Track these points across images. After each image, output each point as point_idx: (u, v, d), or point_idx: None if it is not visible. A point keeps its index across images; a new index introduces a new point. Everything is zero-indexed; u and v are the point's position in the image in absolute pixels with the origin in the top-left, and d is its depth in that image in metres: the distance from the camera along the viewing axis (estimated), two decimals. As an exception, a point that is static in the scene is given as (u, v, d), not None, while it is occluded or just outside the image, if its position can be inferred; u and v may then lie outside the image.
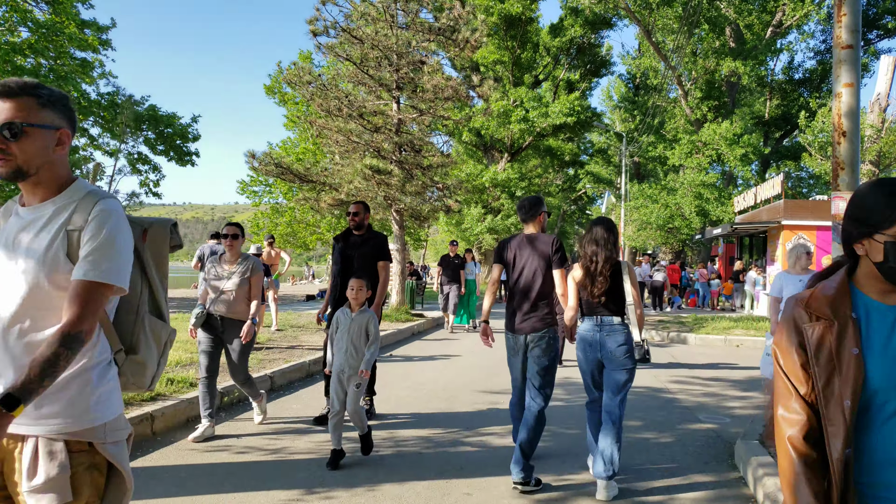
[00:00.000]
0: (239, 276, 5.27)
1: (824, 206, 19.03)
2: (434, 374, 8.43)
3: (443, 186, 14.04)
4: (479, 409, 6.58)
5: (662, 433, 5.80)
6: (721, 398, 7.49)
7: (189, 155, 20.16)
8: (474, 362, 9.62)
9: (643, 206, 28.82)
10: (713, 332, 13.56)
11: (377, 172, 11.63)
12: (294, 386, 7.47)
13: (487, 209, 32.36)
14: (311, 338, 10.59)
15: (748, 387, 8.22)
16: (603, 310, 4.29)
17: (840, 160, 4.62)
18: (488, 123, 28.58)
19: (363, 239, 6.13)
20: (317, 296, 23.06)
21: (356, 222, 6.11)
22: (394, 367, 9.05)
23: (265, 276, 12.30)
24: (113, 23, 20.19)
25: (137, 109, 19.21)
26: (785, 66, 30.64)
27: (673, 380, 8.63)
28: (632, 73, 38.12)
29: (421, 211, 13.30)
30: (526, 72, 32.15)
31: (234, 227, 5.41)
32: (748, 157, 25.56)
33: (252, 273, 5.36)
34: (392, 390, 7.34)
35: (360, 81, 12.88)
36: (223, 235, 5.38)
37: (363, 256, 6.01)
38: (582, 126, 29.39)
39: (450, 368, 8.99)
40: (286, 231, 46.31)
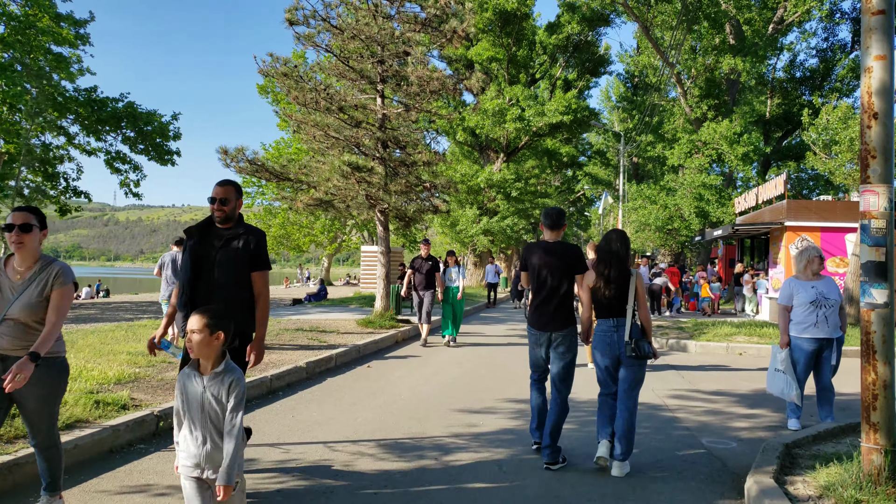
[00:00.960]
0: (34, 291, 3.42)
1: (829, 206, 18.31)
2: (409, 391, 7.68)
3: (430, 185, 13.29)
4: (455, 431, 5.84)
5: (660, 463, 5.06)
6: (726, 417, 6.76)
7: (169, 154, 19.41)
8: (456, 376, 8.88)
9: (641, 207, 28.11)
10: (714, 338, 12.82)
11: (356, 169, 10.89)
12: (249, 406, 6.72)
13: (483, 210, 31.65)
14: (284, 347, 9.85)
15: (755, 403, 7.48)
16: (619, 312, 4.73)
17: (870, 147, 3.89)
18: (483, 122, 27.88)
19: (229, 237, 4.11)
20: (304, 300, 22.32)
21: (223, 213, 4.12)
22: (366, 381, 8.31)
23: None
24: (91, 16, 19.46)
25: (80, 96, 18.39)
26: (786, 63, 30.00)
27: (672, 394, 7.89)
28: (630, 72, 37.47)
29: (406, 211, 12.53)
30: (522, 70, 31.47)
31: (26, 213, 3.46)
32: (749, 156, 24.85)
33: (55, 284, 3.45)
34: (358, 410, 6.60)
35: (341, 74, 12.16)
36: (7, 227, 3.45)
37: (227, 262, 4.04)
38: (579, 125, 28.70)
39: (428, 383, 8.25)
40: (279, 233, 45.71)
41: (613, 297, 4.70)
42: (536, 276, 4.95)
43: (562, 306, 4.87)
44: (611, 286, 4.69)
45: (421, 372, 9.02)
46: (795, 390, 6.23)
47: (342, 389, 7.65)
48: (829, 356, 6.24)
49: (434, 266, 11.60)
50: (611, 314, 4.73)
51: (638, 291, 4.73)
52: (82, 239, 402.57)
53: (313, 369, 8.49)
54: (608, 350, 4.75)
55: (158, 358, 8.00)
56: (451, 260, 12.22)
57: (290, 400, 6.98)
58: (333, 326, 12.95)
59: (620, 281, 4.69)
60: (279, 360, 8.52)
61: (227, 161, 11.62)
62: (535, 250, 5.02)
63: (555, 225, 5.01)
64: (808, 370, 6.31)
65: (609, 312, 4.74)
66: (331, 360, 9.11)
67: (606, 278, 4.71)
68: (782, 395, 6.32)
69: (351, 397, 7.20)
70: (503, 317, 19.38)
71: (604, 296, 4.72)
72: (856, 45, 28.45)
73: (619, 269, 4.71)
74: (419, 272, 11.54)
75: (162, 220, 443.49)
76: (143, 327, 11.69)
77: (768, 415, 6.93)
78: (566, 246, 4.98)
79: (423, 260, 11.62)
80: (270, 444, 5.26)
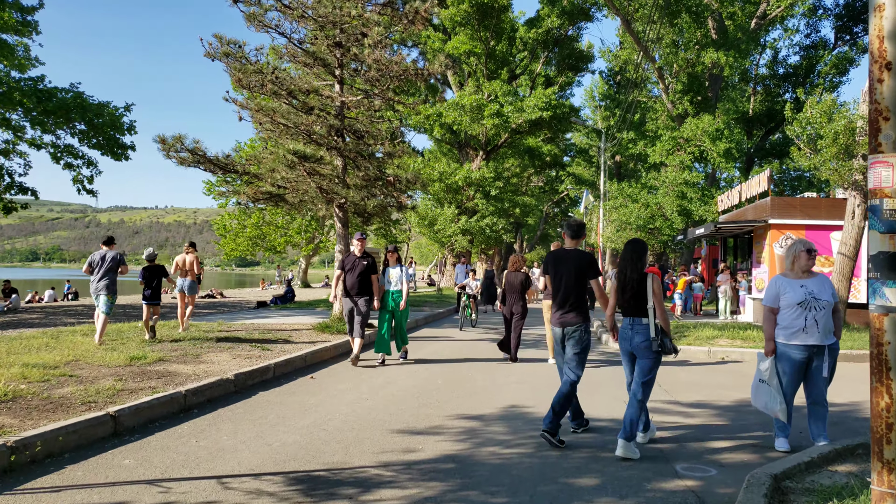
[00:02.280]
0: None
1: (814, 203, 17.64)
2: (348, 407, 6.75)
3: (395, 179, 12.35)
4: (385, 460, 4.92)
5: (624, 501, 4.18)
6: (705, 434, 5.90)
7: (123, 148, 18.26)
8: (407, 388, 7.97)
9: (623, 205, 27.36)
10: (696, 342, 12.02)
11: (304, 159, 9.93)
12: (152, 427, 5.75)
13: (461, 210, 30.77)
14: (220, 356, 8.88)
15: (738, 416, 6.64)
16: (635, 312, 5.30)
17: (882, 106, 3.04)
18: (461, 118, 26.99)
19: None
20: (270, 302, 21.29)
21: None
22: (302, 395, 7.36)
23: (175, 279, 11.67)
24: (40, 3, 18.35)
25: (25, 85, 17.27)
26: (769, 60, 29.41)
27: (650, 408, 7.02)
28: (613, 70, 36.79)
29: (366, 206, 11.57)
30: (501, 65, 30.65)
31: None
32: (732, 153, 24.18)
33: None
34: (279, 432, 5.66)
35: (293, 56, 11.19)
36: None
37: None
38: (559, 121, 27.91)
39: (374, 397, 7.32)
40: (254, 234, 44.51)
41: (632, 299, 5.27)
42: (555, 278, 5.71)
43: (575, 305, 5.61)
44: (629, 289, 5.29)
45: (369, 384, 8.10)
46: (781, 405, 5.39)
47: (271, 405, 6.71)
48: (821, 366, 5.40)
49: (370, 266, 9.43)
50: (628, 313, 5.34)
51: (654, 293, 5.21)
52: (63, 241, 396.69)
53: (244, 382, 7.53)
54: (625, 345, 5.41)
55: (58, 371, 7.03)
56: (392, 258, 9.97)
57: (203, 420, 6.03)
58: (287, 332, 11.98)
59: (638, 284, 5.25)
60: (206, 372, 7.56)
61: (167, 151, 10.62)
62: (553, 255, 5.82)
63: (574, 235, 5.81)
64: (796, 382, 5.47)
65: (627, 312, 5.35)
66: (268, 370, 8.16)
67: (624, 281, 5.32)
68: (766, 411, 5.49)
69: (277, 415, 6.26)
70: (481, 319, 18.49)
71: (623, 300, 5.34)
72: (839, 42, 27.94)
73: (636, 273, 5.28)
74: (351, 273, 9.35)
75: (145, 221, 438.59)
76: (72, 334, 10.66)
77: (753, 431, 6.09)
78: (582, 254, 5.69)
79: (356, 258, 9.44)
80: (150, 480, 4.31)
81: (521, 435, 5.73)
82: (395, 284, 9.78)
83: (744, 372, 9.76)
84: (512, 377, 8.81)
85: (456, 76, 31.86)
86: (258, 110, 10.09)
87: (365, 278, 9.38)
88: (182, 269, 11.43)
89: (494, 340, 13.09)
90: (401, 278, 9.82)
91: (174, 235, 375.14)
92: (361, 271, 9.36)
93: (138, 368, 7.57)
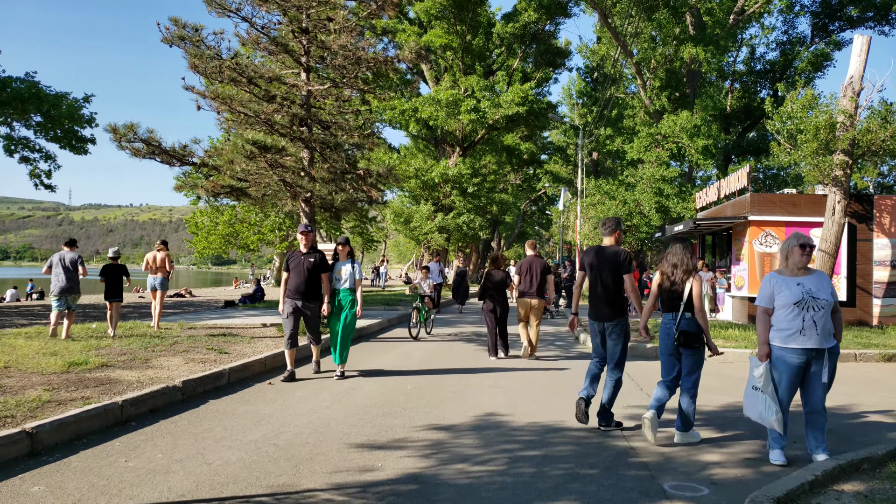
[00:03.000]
0: None
1: (794, 199, 17.41)
2: (304, 417, 6.17)
3: (365, 173, 11.75)
4: (339, 481, 4.36)
5: (607, 529, 3.67)
6: (694, 445, 5.43)
7: (82, 141, 17.39)
8: (372, 394, 7.40)
9: (600, 202, 27.03)
10: (677, 342, 11.60)
11: (264, 150, 9.30)
12: (79, 444, 5.11)
13: (438, 207, 30.23)
14: (172, 360, 8.23)
15: (728, 423, 6.18)
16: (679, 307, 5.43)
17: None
18: (437, 114, 26.43)
19: None
20: (238, 301, 20.53)
21: None
22: (256, 404, 6.76)
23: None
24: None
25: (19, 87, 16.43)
26: (746, 56, 29.31)
27: (629, 413, 6.56)
28: (590, 66, 36.50)
29: (333, 201, 10.95)
30: (478, 60, 30.16)
31: None
32: (709, 149, 23.94)
33: None
34: (224, 448, 5.06)
35: (255, 42, 10.53)
36: None
37: None
38: (536, 117, 27.50)
39: (334, 405, 6.75)
40: (227, 231, 43.42)
41: (676, 296, 5.48)
42: (591, 274, 5.90)
43: (613, 301, 5.78)
44: (676, 287, 5.49)
45: (332, 390, 7.51)
46: (776, 414, 4.93)
47: (220, 416, 6.10)
48: (820, 371, 4.95)
49: (319, 264, 7.95)
50: (672, 309, 5.52)
51: (693, 292, 5.41)
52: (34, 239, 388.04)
53: (193, 389, 6.90)
54: (668, 339, 5.55)
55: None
56: (343, 251, 8.26)
57: (139, 434, 5.40)
58: (249, 333, 11.34)
59: (682, 283, 5.47)
60: (151, 378, 6.91)
61: (119, 141, 9.91)
62: (591, 253, 5.95)
63: (609, 232, 5.95)
64: (792, 389, 5.01)
65: (671, 308, 5.54)
66: (222, 376, 7.53)
67: (671, 280, 5.53)
68: (761, 421, 5.03)
69: (225, 427, 5.66)
70: (454, 319, 17.97)
71: (668, 294, 5.57)
72: (815, 39, 27.91)
73: (682, 272, 5.49)
74: (296, 272, 7.96)
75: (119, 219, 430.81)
76: (14, 337, 9.91)
77: (745, 441, 5.64)
78: (618, 250, 5.85)
79: (301, 255, 7.97)
80: (59, 512, 3.70)
81: (493, 449, 5.21)
82: (344, 282, 8.17)
83: (727, 373, 9.37)
84: (486, 380, 8.29)
85: (432, 71, 31.31)
86: (214, 97, 9.42)
87: (313, 278, 7.91)
88: (153, 267, 11.67)
89: (470, 341, 12.58)
90: (352, 275, 8.16)
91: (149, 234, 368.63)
92: (308, 269, 7.83)
93: (76, 376, 6.90)
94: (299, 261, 7.95)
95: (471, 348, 11.58)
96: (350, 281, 8.18)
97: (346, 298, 8.18)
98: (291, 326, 7.93)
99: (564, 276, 23.48)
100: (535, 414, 6.44)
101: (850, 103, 15.50)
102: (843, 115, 15.27)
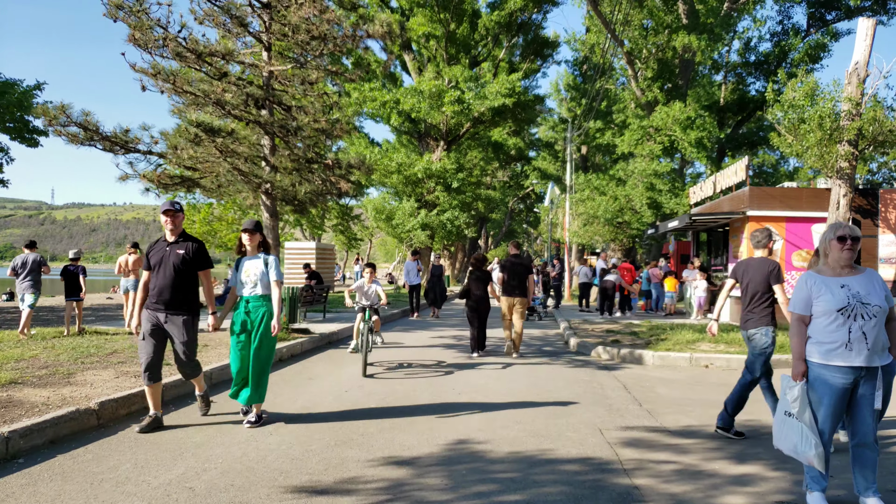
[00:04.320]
0: None
1: (795, 193, 16.51)
2: (238, 449, 5.10)
3: (333, 162, 10.67)
4: (255, 548, 3.30)
5: None
6: (708, 481, 4.43)
7: (35, 133, 16.16)
8: (327, 418, 6.35)
9: (590, 198, 26.06)
10: (675, 347, 10.65)
11: (211, 133, 8.22)
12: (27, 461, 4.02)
13: (421, 203, 29.16)
14: (101, 374, 7.11)
15: (744, 451, 5.18)
16: None
17: None
18: (419, 105, 25.35)
19: None
20: (208, 303, 19.31)
21: None
22: (184, 429, 5.67)
23: None
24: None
25: None
26: (741, 48, 28.42)
27: (627, 438, 5.55)
28: (578, 59, 35.55)
29: (296, 193, 9.86)
30: (462, 50, 29.12)
31: None
32: (703, 142, 23.04)
33: None
34: (119, 497, 3.98)
35: (209, 16, 9.41)
36: None
37: None
38: (523, 109, 26.50)
39: (278, 431, 5.68)
40: (205, 230, 42.13)
41: None
42: (742, 284, 5.99)
43: (757, 311, 5.84)
44: None
45: (280, 411, 6.44)
46: (815, 448, 3.93)
47: (136, 446, 5.02)
48: (871, 394, 3.95)
49: (193, 258, 5.60)
50: None
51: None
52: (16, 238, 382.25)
53: (114, 411, 5.81)
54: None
55: None
56: (253, 241, 5.78)
57: (20, 476, 4.31)
58: (207, 337, 10.24)
59: None
60: (64, 399, 5.80)
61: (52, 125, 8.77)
62: (743, 264, 6.05)
63: (760, 245, 6.06)
64: (836, 416, 4.00)
65: None
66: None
67: None
68: (796, 455, 4.03)
69: (134, 464, 4.58)
70: (437, 322, 16.93)
71: None
72: (811, 29, 27.10)
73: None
74: (160, 271, 5.55)
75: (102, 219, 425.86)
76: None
77: (769, 474, 4.65)
78: (766, 261, 5.92)
79: (167, 246, 5.59)
80: None
81: (464, 492, 4.17)
82: (252, 286, 5.70)
83: (732, 383, 8.35)
84: (463, 395, 7.26)
85: (415, 62, 30.21)
86: (155, 74, 8.29)
87: (185, 279, 5.51)
88: (125, 269, 12.05)
89: (449, 346, 11.55)
90: (264, 275, 5.71)
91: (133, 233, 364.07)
92: (177, 266, 5.47)
93: (-29, 396, 5.79)
94: (164, 253, 5.53)
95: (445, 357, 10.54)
96: (262, 284, 5.73)
97: (257, 310, 5.70)
98: (150, 352, 5.44)
99: (553, 274, 22.49)
100: (518, 440, 5.41)
101: (856, 90, 14.61)
102: (850, 103, 14.38)
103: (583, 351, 11.29)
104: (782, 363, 9.73)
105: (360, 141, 31.38)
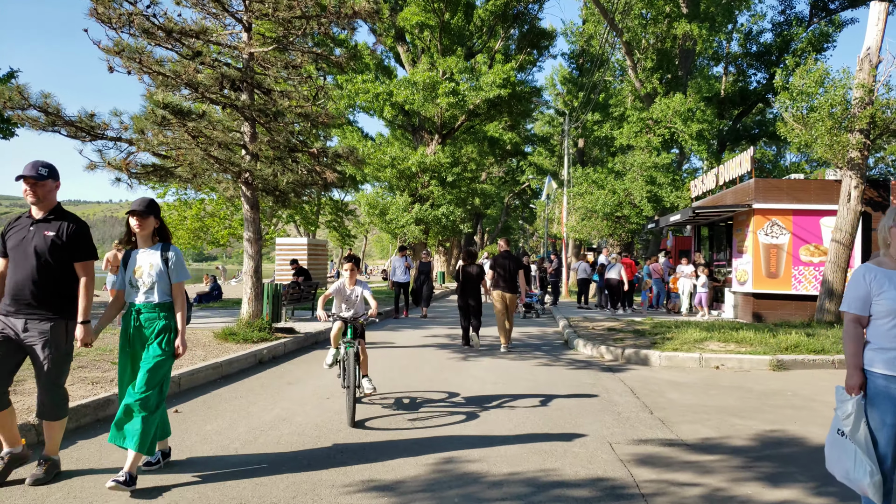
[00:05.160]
0: None
1: (802, 185, 15.87)
2: (202, 466, 4.41)
3: (319, 151, 9.97)
4: None
5: None
6: (742, 515, 3.77)
7: (7, 123, 15.42)
8: (306, 428, 5.68)
9: (588, 192, 25.40)
10: (683, 347, 10.00)
11: (180, 115, 7.52)
12: None
13: (415, 197, 28.44)
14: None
15: (775, 470, 4.52)
16: None
17: None
18: (413, 97, 24.62)
19: None
20: (193, 301, 18.62)
21: None
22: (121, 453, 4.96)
23: None
24: None
25: None
26: (742, 38, 27.77)
27: (640, 453, 4.90)
28: (575, 52, 34.86)
29: (277, 183, 9.17)
30: (457, 42, 28.39)
31: None
32: (704, 135, 22.40)
33: None
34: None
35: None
36: None
37: None
38: (519, 101, 25.78)
39: (249, 446, 5.01)
40: (196, 226, 41.30)
41: None
42: None
43: None
44: None
45: (253, 421, 5.77)
46: (871, 477, 3.26)
47: (80, 463, 4.33)
48: (941, 411, 3.29)
49: (69, 242, 4.15)
50: None
51: None
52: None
53: (57, 426, 5.10)
54: None
55: None
56: (144, 231, 4.24)
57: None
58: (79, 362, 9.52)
59: None
60: None
61: (8, 109, 8.04)
62: None
63: None
64: (898, 436, 3.34)
65: None
66: (109, 403, 5.75)
67: None
68: (849, 483, 3.37)
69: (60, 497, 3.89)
70: (426, 322, 16.26)
71: None
72: (814, 18, 26.47)
73: None
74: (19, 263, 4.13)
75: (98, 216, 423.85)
76: None
77: (812, 500, 3.99)
78: None
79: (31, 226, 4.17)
80: None
81: None
82: (146, 291, 4.20)
83: (748, 386, 7.76)
84: (456, 402, 6.59)
85: (409, 53, 29.48)
86: (119, 52, 7.57)
87: (53, 272, 4.09)
88: (113, 266, 11.71)
89: (443, 347, 10.89)
90: (162, 275, 4.19)
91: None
92: (39, 254, 4.05)
93: None
94: (24, 235, 4.10)
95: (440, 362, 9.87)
96: (160, 288, 4.20)
97: (151, 324, 4.18)
98: None
99: (550, 270, 21.85)
100: (518, 458, 4.75)
101: (868, 76, 13.96)
102: (862, 90, 13.73)
103: (584, 351, 10.65)
104: (798, 363, 9.10)
105: (353, 135, 30.68)
